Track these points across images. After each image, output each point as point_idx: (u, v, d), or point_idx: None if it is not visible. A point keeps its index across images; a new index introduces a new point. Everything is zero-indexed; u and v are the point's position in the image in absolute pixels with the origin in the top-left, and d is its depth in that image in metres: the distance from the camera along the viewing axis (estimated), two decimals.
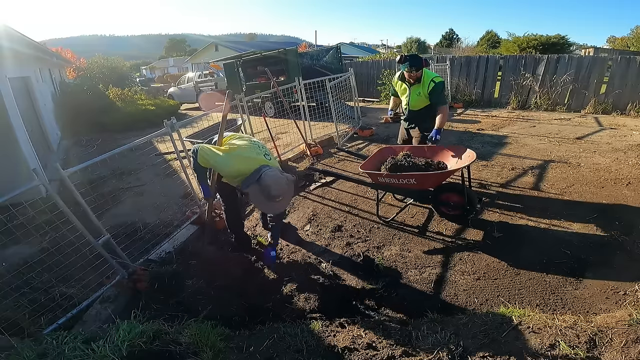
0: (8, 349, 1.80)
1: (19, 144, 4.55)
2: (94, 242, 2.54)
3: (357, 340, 1.88)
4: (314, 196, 4.28)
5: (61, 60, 12.15)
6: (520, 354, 1.63)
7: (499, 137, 6.22)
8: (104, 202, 4.01)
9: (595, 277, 2.51)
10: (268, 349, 1.84)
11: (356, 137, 6.78)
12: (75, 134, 9.16)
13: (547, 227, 3.19)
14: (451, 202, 3.27)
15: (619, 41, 27.12)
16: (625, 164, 4.53)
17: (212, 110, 4.47)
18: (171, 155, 6.20)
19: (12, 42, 5.24)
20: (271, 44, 40.62)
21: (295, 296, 2.60)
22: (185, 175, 3.61)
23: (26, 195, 2.28)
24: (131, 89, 13.85)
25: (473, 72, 9.87)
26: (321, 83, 6.15)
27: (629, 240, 2.86)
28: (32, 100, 7.11)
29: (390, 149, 3.74)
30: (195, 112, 12.87)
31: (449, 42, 38.88)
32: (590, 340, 1.64)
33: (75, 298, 2.61)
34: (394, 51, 28.92)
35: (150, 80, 30.08)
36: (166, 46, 71.10)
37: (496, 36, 32.14)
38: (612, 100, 7.83)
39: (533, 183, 4.13)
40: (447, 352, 1.70)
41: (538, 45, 19.75)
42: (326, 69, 10.03)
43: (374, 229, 3.43)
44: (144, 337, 1.76)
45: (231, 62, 11.42)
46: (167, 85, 20.16)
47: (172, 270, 2.80)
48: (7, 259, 3.14)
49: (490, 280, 2.61)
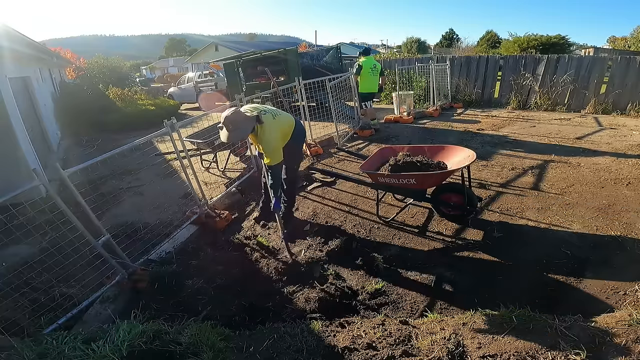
0: (8, 349, 1.80)
1: (19, 144, 4.55)
2: (94, 242, 2.54)
3: (357, 340, 1.88)
4: (314, 196, 4.28)
5: (61, 60, 12.14)
6: (520, 354, 1.63)
7: (499, 137, 6.21)
8: (104, 202, 4.01)
9: (595, 277, 2.51)
10: (268, 349, 1.84)
11: (356, 137, 6.78)
12: (75, 134, 9.16)
13: (547, 227, 3.18)
14: (451, 202, 3.28)
15: (619, 41, 27.11)
16: (625, 164, 4.53)
17: (212, 110, 4.47)
18: (171, 155, 6.19)
19: (12, 42, 5.23)
20: (271, 44, 40.64)
21: (295, 296, 2.60)
22: (185, 175, 3.61)
23: (26, 195, 2.28)
24: (131, 89, 13.86)
25: (473, 72, 9.87)
26: (321, 83, 6.15)
27: (629, 240, 2.86)
28: (32, 100, 7.10)
29: (391, 149, 3.74)
30: (195, 112, 12.87)
31: (449, 42, 38.87)
32: (590, 341, 1.64)
33: (75, 298, 2.61)
34: (394, 51, 28.91)
35: (150, 80, 30.07)
36: (166, 46, 71.10)
37: (496, 36, 32.14)
38: (612, 100, 7.83)
39: (533, 183, 4.13)
40: (447, 352, 1.71)
41: (538, 45, 19.76)
42: (326, 69, 10.02)
43: (374, 229, 3.43)
44: (144, 337, 1.75)
45: (231, 62, 11.41)
46: (167, 85, 20.15)
47: (172, 270, 2.80)
48: (7, 259, 3.14)
49: (490, 280, 2.61)
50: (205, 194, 3.99)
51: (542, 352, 1.62)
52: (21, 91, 6.42)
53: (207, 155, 5.53)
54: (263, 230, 3.68)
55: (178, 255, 3.16)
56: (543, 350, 1.63)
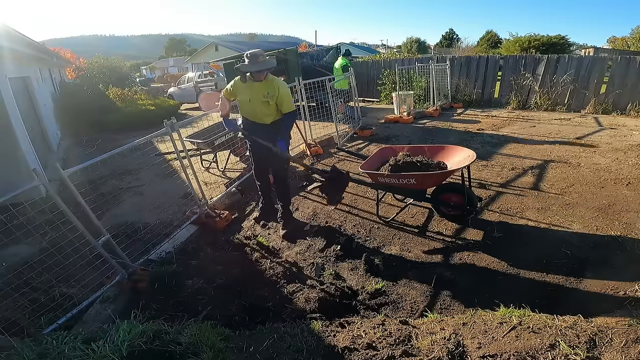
0: (8, 349, 1.80)
1: (19, 144, 4.55)
2: (94, 242, 2.54)
3: (357, 340, 1.88)
4: (314, 196, 4.28)
5: (61, 60, 12.14)
6: (520, 354, 1.63)
7: (499, 137, 6.22)
8: (104, 202, 4.01)
9: (595, 277, 2.51)
10: (268, 349, 1.84)
11: (356, 137, 6.78)
12: (75, 134, 9.16)
13: (547, 227, 3.18)
14: (451, 202, 3.27)
15: (619, 41, 27.10)
16: (625, 164, 4.53)
17: (212, 110, 4.46)
18: (171, 155, 6.19)
19: (12, 42, 5.23)
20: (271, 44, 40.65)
21: (295, 296, 2.59)
22: (185, 175, 3.61)
23: (26, 195, 2.28)
24: (131, 89, 13.85)
25: (473, 72, 9.87)
26: (321, 83, 6.15)
27: (629, 240, 2.86)
28: (32, 100, 7.10)
29: (391, 149, 3.74)
30: (195, 112, 12.86)
31: (449, 42, 38.88)
32: (590, 340, 1.64)
33: (75, 298, 2.61)
34: (394, 51, 28.90)
35: (150, 80, 30.08)
36: (166, 46, 71.09)
37: (496, 36, 32.16)
38: (612, 100, 7.83)
39: (533, 183, 4.13)
40: (447, 352, 1.70)
41: (539, 45, 19.77)
42: (326, 69, 10.02)
43: (374, 229, 3.43)
44: (144, 337, 1.75)
45: (231, 62, 11.41)
46: (167, 85, 20.15)
47: (172, 270, 2.80)
48: (7, 259, 3.14)
49: (490, 280, 2.61)
50: (205, 194, 3.99)
51: (542, 352, 1.62)
52: (21, 91, 6.42)
53: (207, 155, 5.53)
54: (263, 230, 3.68)
55: (178, 255, 3.16)
56: (543, 350, 1.63)
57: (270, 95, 3.15)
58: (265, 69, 3.09)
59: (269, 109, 3.21)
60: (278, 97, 3.15)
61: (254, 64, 3.05)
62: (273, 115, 3.27)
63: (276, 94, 3.15)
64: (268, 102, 3.16)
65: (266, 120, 3.28)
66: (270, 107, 3.20)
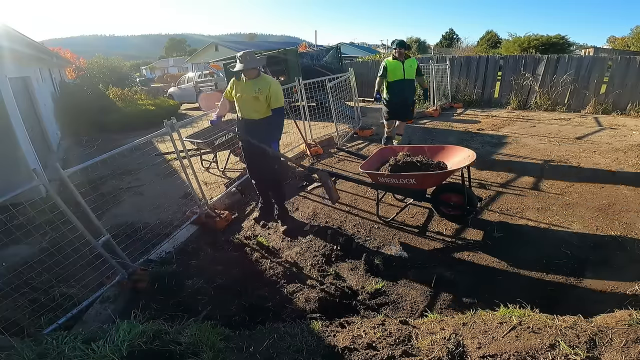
0: (8, 349, 1.80)
1: (19, 144, 4.55)
2: (94, 242, 2.54)
3: (357, 340, 1.88)
4: (314, 196, 4.28)
5: (61, 60, 12.14)
6: (520, 354, 1.63)
7: (499, 137, 6.22)
8: (104, 202, 4.01)
9: (595, 277, 2.51)
10: (268, 349, 1.84)
11: (356, 137, 6.78)
12: (75, 134, 9.15)
13: (547, 227, 3.18)
14: (451, 202, 3.27)
15: (619, 41, 27.09)
16: (625, 164, 4.53)
17: (212, 110, 4.46)
18: (171, 155, 6.19)
19: (12, 42, 5.23)
20: (271, 44, 40.64)
21: (295, 296, 2.59)
22: (185, 175, 3.61)
23: (26, 195, 2.28)
24: (131, 89, 13.84)
25: (473, 72, 9.87)
26: (321, 83, 6.15)
27: (629, 240, 2.86)
28: (32, 100, 7.10)
29: (391, 149, 3.74)
30: (195, 112, 12.86)
31: (449, 42, 38.85)
32: (590, 340, 1.64)
33: (75, 298, 2.61)
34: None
35: (150, 80, 30.06)
36: (166, 46, 71.08)
37: (496, 36, 32.13)
38: (612, 100, 7.83)
39: (533, 183, 4.13)
40: (447, 352, 1.70)
41: (539, 45, 19.77)
42: (326, 69, 10.02)
43: (374, 229, 3.43)
44: (144, 337, 1.75)
45: (231, 62, 11.42)
46: (167, 85, 20.13)
47: (172, 270, 2.80)
48: (7, 259, 3.14)
49: (490, 280, 2.61)
50: (205, 194, 3.99)
51: (542, 352, 1.62)
52: (21, 91, 6.42)
53: (207, 155, 5.53)
54: (263, 230, 3.68)
55: (178, 255, 3.16)
56: (543, 350, 1.63)
57: (261, 91, 3.26)
58: (252, 68, 3.25)
59: (258, 104, 3.32)
60: (269, 93, 3.26)
61: (242, 62, 3.23)
62: (262, 112, 3.36)
63: (267, 88, 3.26)
64: (258, 97, 3.27)
65: (254, 116, 3.38)
66: (259, 102, 3.30)
